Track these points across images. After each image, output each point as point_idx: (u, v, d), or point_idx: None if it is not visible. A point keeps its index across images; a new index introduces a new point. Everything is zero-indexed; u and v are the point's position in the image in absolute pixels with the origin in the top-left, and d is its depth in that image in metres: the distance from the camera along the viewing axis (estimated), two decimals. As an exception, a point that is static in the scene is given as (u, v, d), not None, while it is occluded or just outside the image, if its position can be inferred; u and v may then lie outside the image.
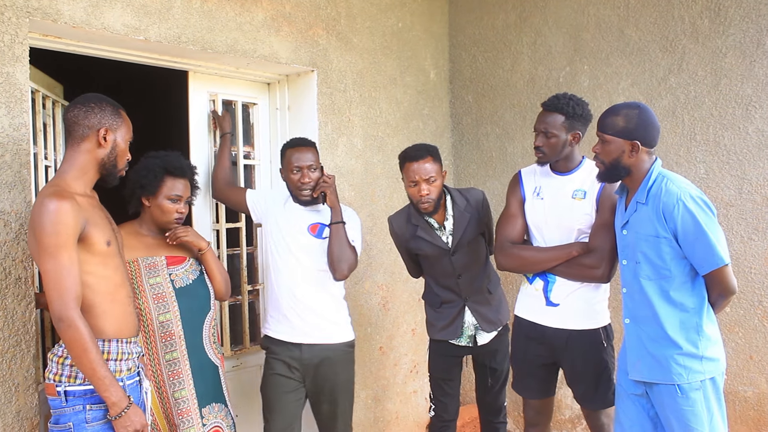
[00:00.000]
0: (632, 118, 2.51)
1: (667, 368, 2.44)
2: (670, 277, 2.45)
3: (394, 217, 3.28)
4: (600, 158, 2.59)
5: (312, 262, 3.09)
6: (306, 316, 3.08)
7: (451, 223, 3.11)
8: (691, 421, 2.41)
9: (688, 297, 2.45)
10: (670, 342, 2.45)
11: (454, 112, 4.67)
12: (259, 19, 3.44)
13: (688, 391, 2.42)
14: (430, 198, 3.00)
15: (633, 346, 2.56)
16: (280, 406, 3.08)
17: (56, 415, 2.23)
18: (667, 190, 2.45)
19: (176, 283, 2.78)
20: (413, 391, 4.32)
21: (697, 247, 2.39)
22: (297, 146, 3.13)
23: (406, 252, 3.27)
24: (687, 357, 2.43)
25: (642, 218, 2.51)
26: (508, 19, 4.35)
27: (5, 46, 2.56)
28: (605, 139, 2.55)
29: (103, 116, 2.30)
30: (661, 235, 2.44)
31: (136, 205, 2.83)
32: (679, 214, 2.40)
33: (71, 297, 2.13)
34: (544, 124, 2.86)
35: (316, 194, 3.10)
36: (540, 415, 3.09)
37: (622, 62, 3.82)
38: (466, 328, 3.14)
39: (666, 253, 2.44)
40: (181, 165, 2.83)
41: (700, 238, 2.38)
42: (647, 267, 2.49)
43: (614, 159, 2.54)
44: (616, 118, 2.53)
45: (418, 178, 2.99)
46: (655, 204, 2.46)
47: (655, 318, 2.48)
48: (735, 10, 3.42)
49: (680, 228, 2.40)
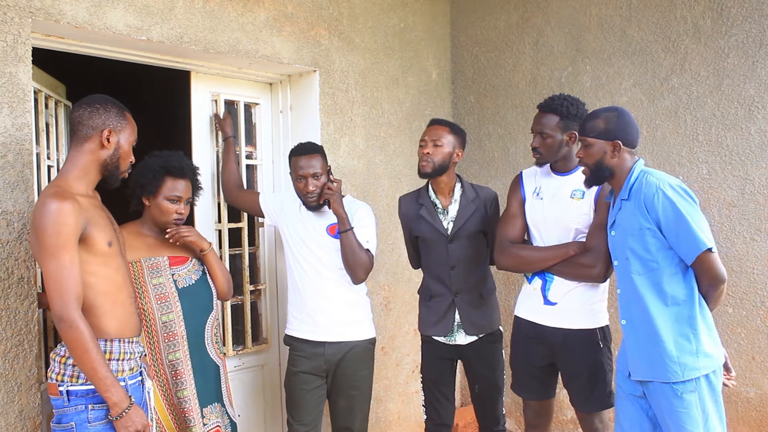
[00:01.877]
0: (612, 119, 2.58)
1: (663, 366, 2.45)
2: (658, 269, 2.48)
3: (404, 197, 3.34)
4: (584, 162, 2.65)
5: (335, 260, 3.14)
6: (331, 313, 3.14)
7: (455, 208, 3.13)
8: (686, 423, 2.41)
9: (678, 288, 2.46)
10: (662, 338, 2.45)
11: (456, 113, 4.67)
12: (262, 19, 3.45)
13: (682, 392, 2.42)
14: (430, 158, 3.07)
15: (631, 347, 2.57)
16: (304, 403, 3.16)
17: (58, 414, 2.23)
18: (647, 182, 2.50)
19: (179, 284, 2.78)
20: (415, 391, 4.32)
21: (679, 235, 2.42)
22: (300, 154, 3.14)
23: (408, 234, 3.30)
24: (681, 353, 2.43)
25: (626, 214, 2.55)
26: (510, 20, 4.34)
27: (8, 46, 2.56)
28: (588, 143, 2.61)
29: (107, 117, 2.31)
30: (644, 227, 2.48)
31: (138, 204, 2.84)
32: (659, 202, 2.44)
33: (72, 297, 2.13)
34: (539, 125, 2.90)
35: (321, 201, 3.13)
36: (540, 416, 3.09)
37: (625, 62, 3.82)
38: (454, 326, 3.14)
39: (651, 244, 2.48)
40: (181, 165, 2.83)
41: (681, 225, 2.41)
42: (636, 262, 2.52)
43: (597, 161, 2.60)
44: (597, 121, 2.60)
45: (427, 138, 3.10)
46: (637, 197, 2.51)
47: (646, 315, 2.49)
48: (737, 10, 3.41)
49: (662, 216, 2.44)
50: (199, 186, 2.95)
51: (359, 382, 3.20)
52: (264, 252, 3.80)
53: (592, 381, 2.88)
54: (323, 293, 3.15)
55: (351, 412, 3.20)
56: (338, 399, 3.21)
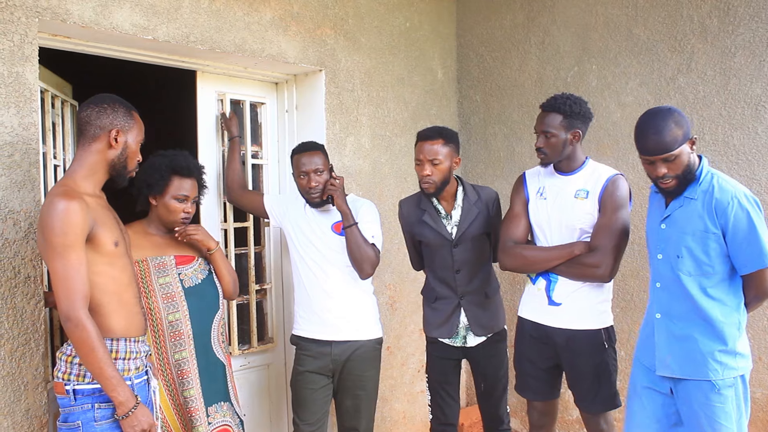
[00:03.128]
0: (679, 120, 2.44)
1: (703, 364, 2.45)
2: (713, 274, 2.46)
3: (404, 201, 3.31)
4: (671, 175, 2.46)
5: (342, 259, 3.15)
6: (338, 312, 3.15)
7: (458, 213, 3.12)
8: (721, 418, 2.41)
9: (726, 295, 2.47)
10: (707, 336, 2.45)
11: (461, 112, 4.66)
12: (267, 19, 3.45)
13: (721, 387, 2.43)
14: (431, 179, 3.01)
15: (662, 342, 2.56)
16: (310, 402, 3.17)
17: (65, 413, 2.24)
18: (720, 187, 2.45)
19: (185, 283, 2.79)
20: (420, 391, 4.32)
21: (745, 246, 2.40)
22: (302, 151, 3.17)
23: (410, 239, 3.29)
24: (725, 353, 2.44)
25: (690, 213, 2.49)
26: (516, 19, 4.34)
27: (15, 46, 2.57)
28: (675, 155, 2.42)
29: (115, 117, 2.31)
30: (710, 230, 2.44)
31: (144, 203, 2.84)
32: (733, 211, 2.40)
33: (79, 297, 2.13)
34: (543, 124, 2.88)
35: (324, 197, 3.13)
36: (544, 417, 3.09)
37: (631, 62, 3.81)
38: (460, 328, 3.14)
39: (713, 249, 2.44)
40: (188, 165, 2.83)
41: (751, 237, 2.39)
42: (690, 262, 2.48)
43: (686, 166, 2.46)
44: (671, 132, 2.41)
45: (423, 157, 3.02)
46: (707, 200, 2.46)
47: (693, 312, 2.48)
48: (744, 9, 3.40)
49: (731, 225, 2.40)
50: (205, 185, 2.96)
51: (366, 381, 3.21)
52: (270, 251, 3.80)
53: (598, 382, 2.88)
54: (330, 292, 3.16)
55: (357, 411, 3.21)
56: (344, 399, 3.21)
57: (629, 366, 3.63)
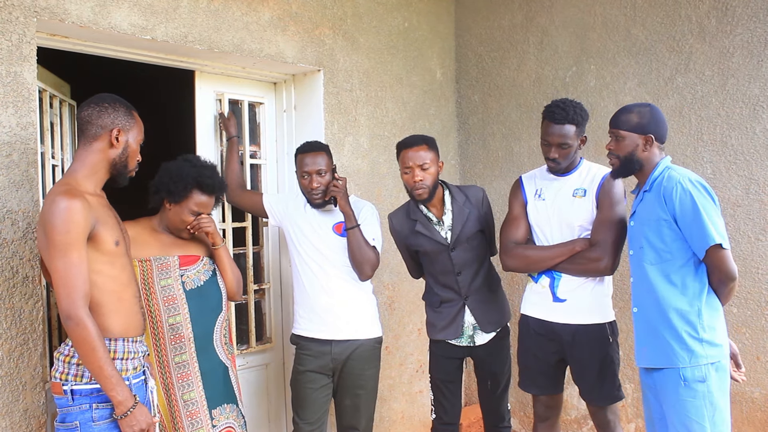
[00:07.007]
0: (645, 114, 2.63)
1: (670, 351, 2.49)
2: (671, 259, 2.53)
3: (393, 214, 3.30)
4: (614, 154, 2.69)
5: (342, 259, 3.16)
6: (338, 311, 3.16)
7: (449, 217, 3.12)
8: (691, 413, 2.43)
9: (688, 280, 2.51)
10: (671, 324, 2.50)
11: (460, 112, 4.67)
12: (266, 19, 3.45)
13: (690, 380, 2.45)
14: (424, 184, 3.01)
15: (641, 334, 2.62)
16: (311, 401, 3.18)
17: (63, 413, 2.23)
18: (669, 176, 2.57)
19: (187, 285, 2.77)
20: (419, 391, 4.32)
21: (694, 228, 2.47)
22: (306, 151, 3.17)
23: (405, 250, 3.29)
24: (692, 339, 2.47)
25: (646, 205, 2.62)
26: (515, 19, 4.34)
27: (13, 45, 2.57)
28: (621, 135, 2.66)
29: (116, 116, 2.31)
30: (661, 218, 2.53)
31: (157, 203, 2.84)
32: (677, 194, 2.49)
33: (80, 295, 2.13)
34: (560, 137, 2.89)
35: (326, 198, 3.14)
36: (550, 409, 3.13)
37: (629, 62, 3.81)
38: (465, 328, 3.14)
39: (666, 235, 2.53)
40: (213, 183, 2.82)
41: (695, 217, 2.46)
42: (650, 252, 2.57)
43: (629, 153, 2.65)
44: (630, 115, 2.65)
45: (412, 164, 3.01)
46: (658, 189, 2.57)
47: (657, 301, 2.54)
48: (742, 9, 3.40)
49: (678, 208, 2.49)
50: (221, 200, 2.95)
51: (365, 380, 3.21)
52: (268, 251, 3.80)
53: (603, 375, 2.92)
54: (330, 292, 3.16)
55: (357, 410, 3.21)
56: (344, 398, 3.22)
57: (627, 365, 3.64)
